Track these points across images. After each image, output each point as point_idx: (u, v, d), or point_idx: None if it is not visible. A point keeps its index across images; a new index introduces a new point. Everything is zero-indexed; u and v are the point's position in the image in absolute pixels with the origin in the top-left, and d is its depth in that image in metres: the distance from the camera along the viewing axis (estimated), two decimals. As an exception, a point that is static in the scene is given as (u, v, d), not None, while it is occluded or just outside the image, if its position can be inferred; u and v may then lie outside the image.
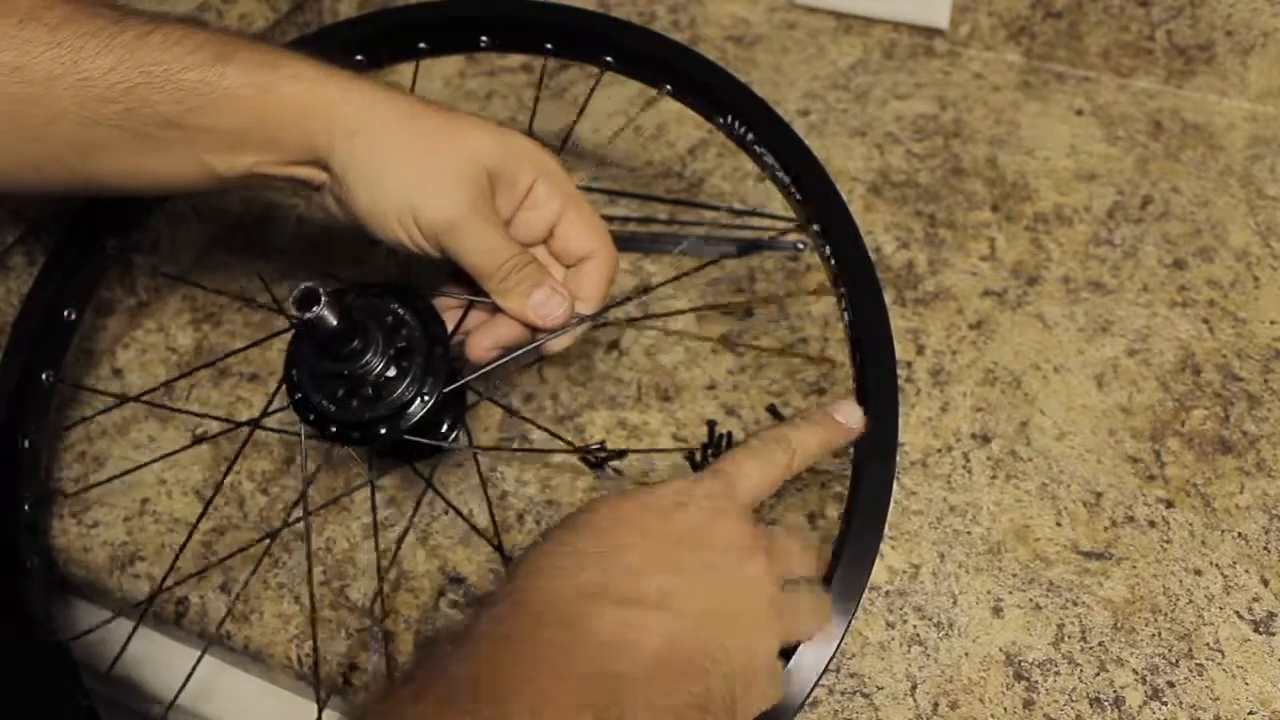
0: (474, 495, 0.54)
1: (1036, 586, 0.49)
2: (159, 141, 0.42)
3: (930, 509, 0.52)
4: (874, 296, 0.48)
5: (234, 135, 0.42)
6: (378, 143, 0.43)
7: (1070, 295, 0.61)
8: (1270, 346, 0.58)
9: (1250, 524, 0.51)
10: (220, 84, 0.41)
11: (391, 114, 0.43)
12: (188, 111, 0.41)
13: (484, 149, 0.44)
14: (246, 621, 0.50)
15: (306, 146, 0.43)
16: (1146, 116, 0.73)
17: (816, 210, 0.49)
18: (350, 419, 0.44)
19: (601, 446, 0.55)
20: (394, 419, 0.44)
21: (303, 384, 0.45)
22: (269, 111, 0.42)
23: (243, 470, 0.56)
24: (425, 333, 0.45)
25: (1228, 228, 0.65)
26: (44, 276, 0.53)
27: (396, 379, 0.44)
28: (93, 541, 0.53)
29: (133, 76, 0.40)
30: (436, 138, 0.44)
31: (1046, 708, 0.45)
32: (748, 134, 0.51)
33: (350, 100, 0.43)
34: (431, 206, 0.43)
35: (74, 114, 0.40)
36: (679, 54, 0.53)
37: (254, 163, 0.43)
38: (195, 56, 0.41)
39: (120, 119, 0.41)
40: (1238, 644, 0.47)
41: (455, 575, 0.51)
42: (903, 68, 0.78)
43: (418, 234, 0.44)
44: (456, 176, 0.43)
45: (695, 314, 0.62)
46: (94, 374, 0.61)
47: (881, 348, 0.47)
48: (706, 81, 0.52)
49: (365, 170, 0.43)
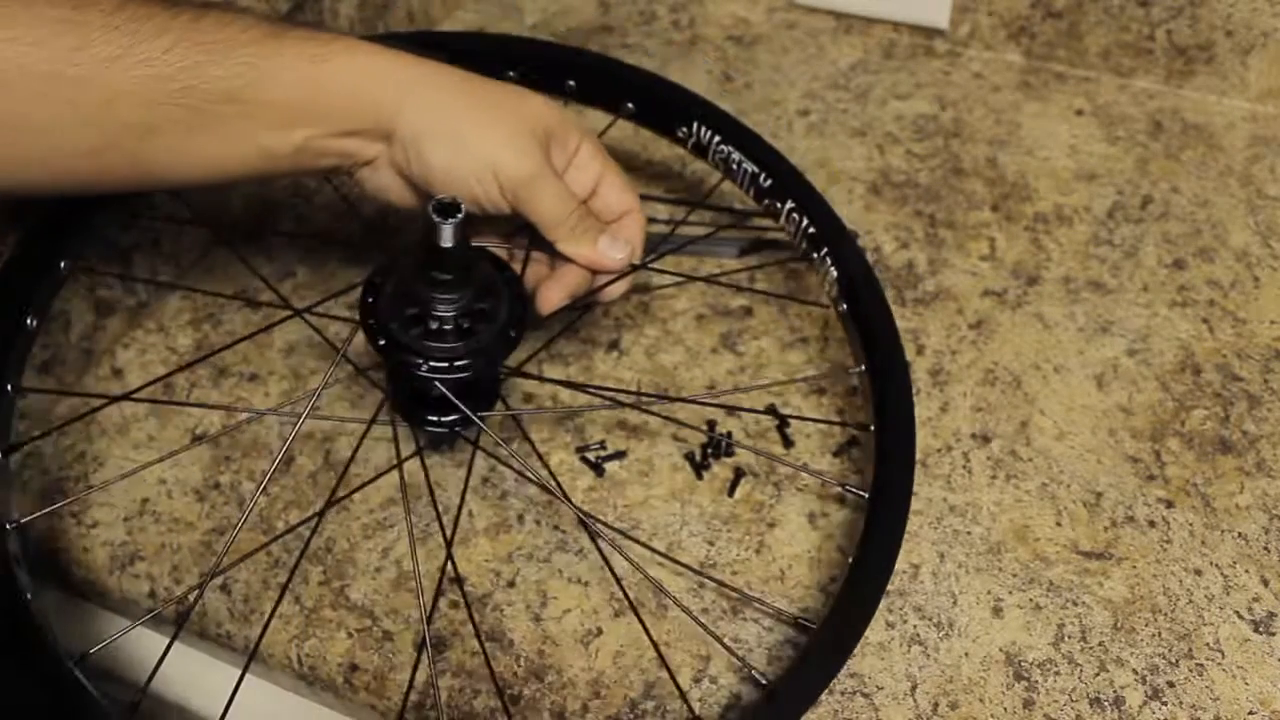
0: (477, 491, 0.54)
1: (1036, 586, 0.49)
2: (217, 118, 0.43)
3: (930, 509, 0.52)
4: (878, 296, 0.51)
5: (291, 108, 0.44)
6: (450, 104, 0.46)
7: (1070, 295, 0.61)
8: (1270, 346, 0.58)
9: (1250, 524, 0.51)
10: (277, 57, 0.43)
11: (454, 79, 0.47)
12: (246, 86, 0.43)
13: (543, 112, 0.49)
14: (247, 622, 0.50)
15: (366, 113, 0.45)
16: (1146, 116, 0.73)
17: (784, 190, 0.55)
18: (422, 350, 0.46)
19: (601, 446, 0.55)
20: (462, 362, 0.46)
21: (381, 308, 0.47)
22: (326, 81, 0.44)
23: (243, 470, 0.56)
24: (509, 306, 0.48)
25: (1228, 228, 0.65)
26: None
27: (454, 334, 0.46)
28: (92, 541, 0.53)
29: (191, 54, 0.41)
30: (502, 102, 0.48)
31: (1046, 708, 0.45)
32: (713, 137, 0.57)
33: (408, 67, 0.46)
34: (512, 164, 0.47)
35: (132, 95, 0.41)
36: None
37: (307, 136, 0.45)
38: (250, 34, 0.43)
39: (179, 96, 0.42)
40: (1238, 644, 0.47)
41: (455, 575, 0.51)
42: (903, 68, 0.78)
43: (495, 190, 0.47)
44: (529, 134, 0.47)
45: (694, 316, 0.62)
46: (94, 374, 0.61)
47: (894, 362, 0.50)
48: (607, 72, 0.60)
49: (441, 130, 0.46)
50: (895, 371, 0.51)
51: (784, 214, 0.55)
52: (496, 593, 0.50)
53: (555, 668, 0.47)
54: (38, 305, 0.50)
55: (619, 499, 0.53)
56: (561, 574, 0.50)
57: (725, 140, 0.57)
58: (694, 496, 0.53)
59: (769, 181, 0.56)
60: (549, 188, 0.48)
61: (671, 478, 0.54)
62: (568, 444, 0.56)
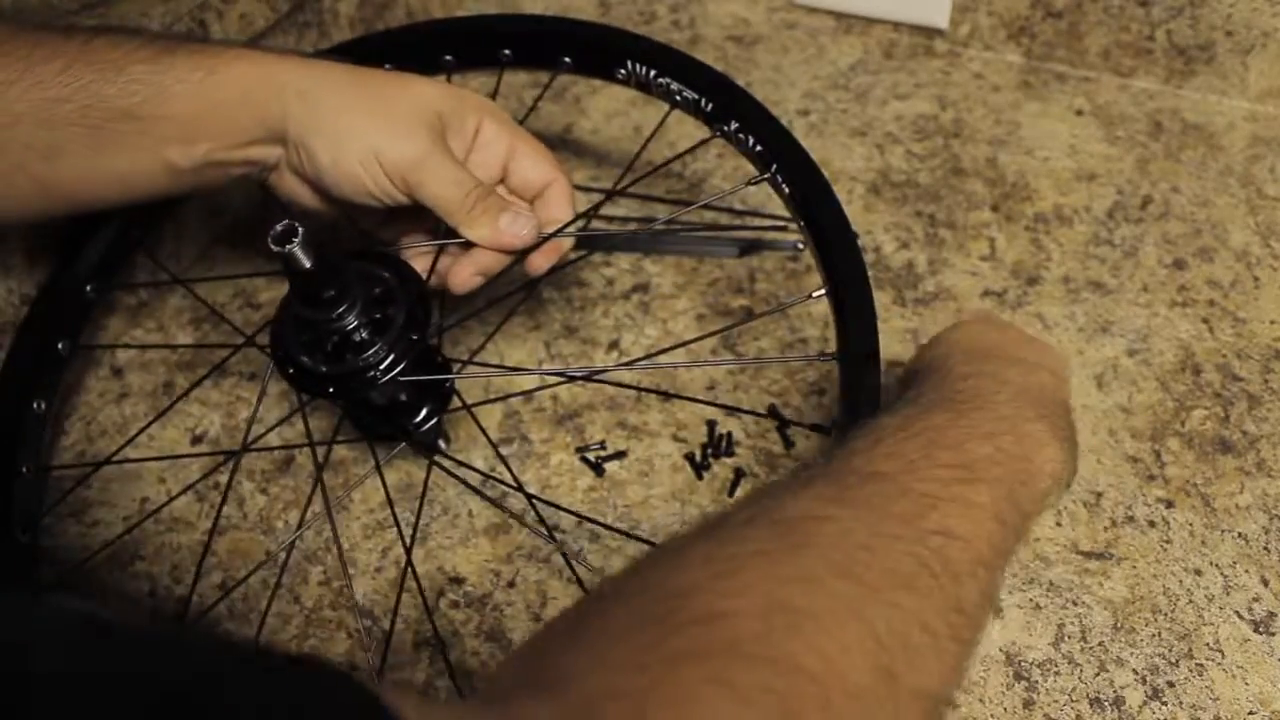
0: (472, 495, 0.54)
1: (1036, 586, 0.49)
2: (117, 135, 0.43)
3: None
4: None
5: (188, 121, 0.44)
6: (332, 99, 0.45)
7: (1070, 295, 0.61)
8: (1270, 346, 0.58)
9: (1250, 524, 0.51)
10: (169, 72, 0.43)
11: (338, 74, 0.46)
12: (141, 102, 0.43)
13: (432, 94, 0.47)
14: (247, 621, 0.50)
15: (259, 120, 0.45)
16: (1146, 116, 0.73)
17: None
18: (321, 371, 0.45)
19: (601, 446, 0.55)
20: (359, 378, 0.45)
21: (286, 336, 0.46)
22: (218, 92, 0.44)
23: (243, 470, 0.56)
24: (408, 309, 0.46)
25: (1228, 228, 0.65)
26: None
27: (368, 343, 0.45)
28: (93, 541, 0.53)
29: (84, 74, 0.42)
30: (387, 89, 0.46)
31: (1046, 708, 0.45)
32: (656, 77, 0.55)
33: (294, 69, 0.45)
34: (395, 148, 0.45)
35: (31, 116, 0.42)
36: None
37: (209, 149, 0.45)
38: (142, 52, 0.44)
39: (77, 117, 0.43)
40: (1238, 644, 0.47)
41: (455, 575, 0.51)
42: (903, 68, 0.78)
43: (383, 178, 0.46)
44: (414, 119, 0.46)
45: (694, 315, 0.62)
46: (94, 373, 0.61)
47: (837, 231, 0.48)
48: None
49: (324, 126, 0.45)
50: (858, 286, 0.48)
51: (732, 136, 0.53)
52: (496, 593, 0.50)
53: (555, 668, 0.47)
54: (45, 389, 0.53)
55: (619, 499, 0.53)
56: (561, 574, 0.50)
57: (662, 73, 0.55)
58: (694, 497, 0.53)
59: (710, 105, 0.54)
60: (438, 168, 0.46)
61: (671, 478, 0.54)
62: (567, 444, 0.56)
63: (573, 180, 0.50)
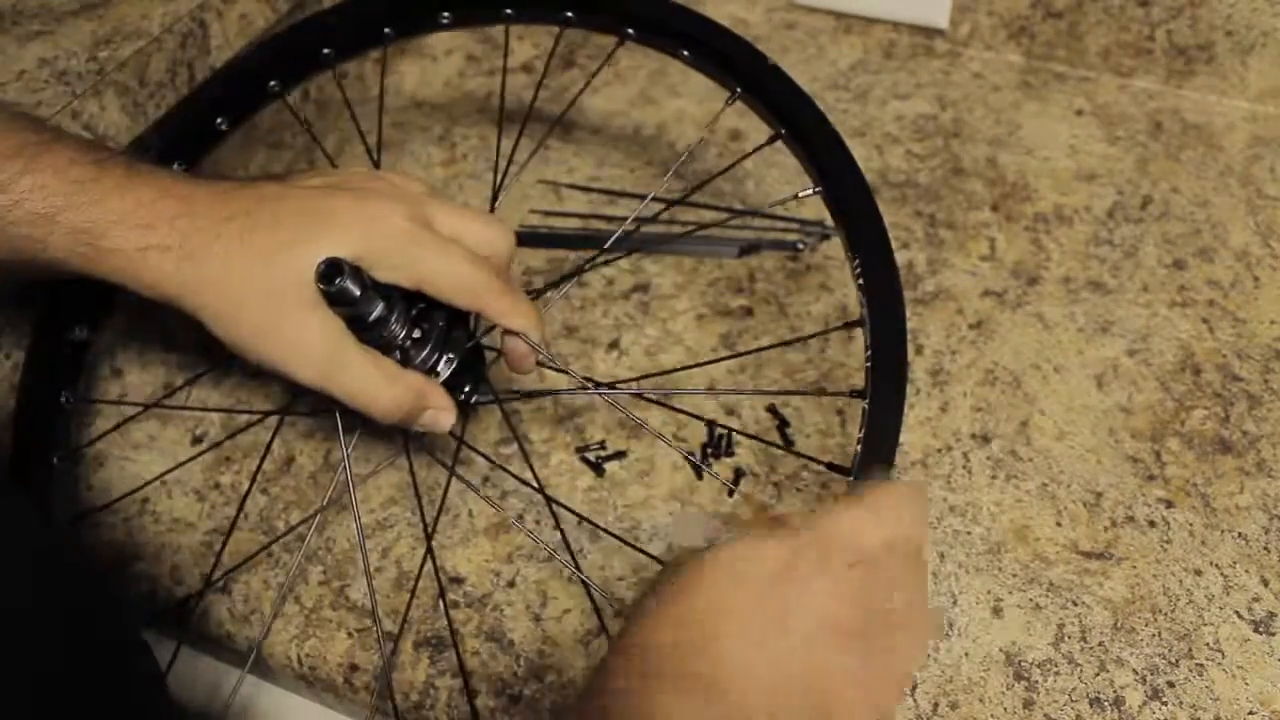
0: (473, 495, 0.54)
1: (1036, 586, 0.49)
2: (23, 266, 0.42)
3: (930, 509, 0.52)
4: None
5: (82, 273, 0.42)
6: (216, 302, 0.42)
7: (1070, 295, 0.61)
8: (1270, 346, 0.58)
9: (1250, 524, 0.51)
10: (45, 253, 0.41)
11: (222, 253, 0.41)
12: (24, 264, 0.42)
13: (319, 261, 0.42)
14: (247, 622, 0.50)
15: (159, 299, 0.43)
16: (1146, 116, 0.73)
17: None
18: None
19: (601, 446, 0.55)
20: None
21: None
22: (104, 273, 0.42)
23: (243, 470, 0.56)
24: (449, 312, 0.47)
25: (1228, 228, 0.65)
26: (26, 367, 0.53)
27: (421, 342, 0.46)
28: (92, 540, 0.53)
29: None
30: (272, 270, 0.42)
31: (1046, 708, 0.45)
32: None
33: (173, 262, 0.42)
34: (294, 368, 0.42)
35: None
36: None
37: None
38: (18, 212, 0.41)
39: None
40: (1238, 644, 0.47)
41: (455, 575, 0.51)
42: (903, 68, 0.78)
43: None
44: (304, 320, 0.42)
45: (694, 315, 0.62)
46: (94, 373, 0.61)
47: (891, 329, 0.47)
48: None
49: (217, 330, 0.43)
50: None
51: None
52: (496, 593, 0.50)
53: (555, 668, 0.47)
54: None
55: (619, 499, 0.53)
56: (561, 574, 0.50)
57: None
58: (694, 497, 0.53)
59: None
60: (346, 383, 0.43)
61: (671, 478, 0.54)
62: (568, 444, 0.56)
63: (573, 180, 0.50)
